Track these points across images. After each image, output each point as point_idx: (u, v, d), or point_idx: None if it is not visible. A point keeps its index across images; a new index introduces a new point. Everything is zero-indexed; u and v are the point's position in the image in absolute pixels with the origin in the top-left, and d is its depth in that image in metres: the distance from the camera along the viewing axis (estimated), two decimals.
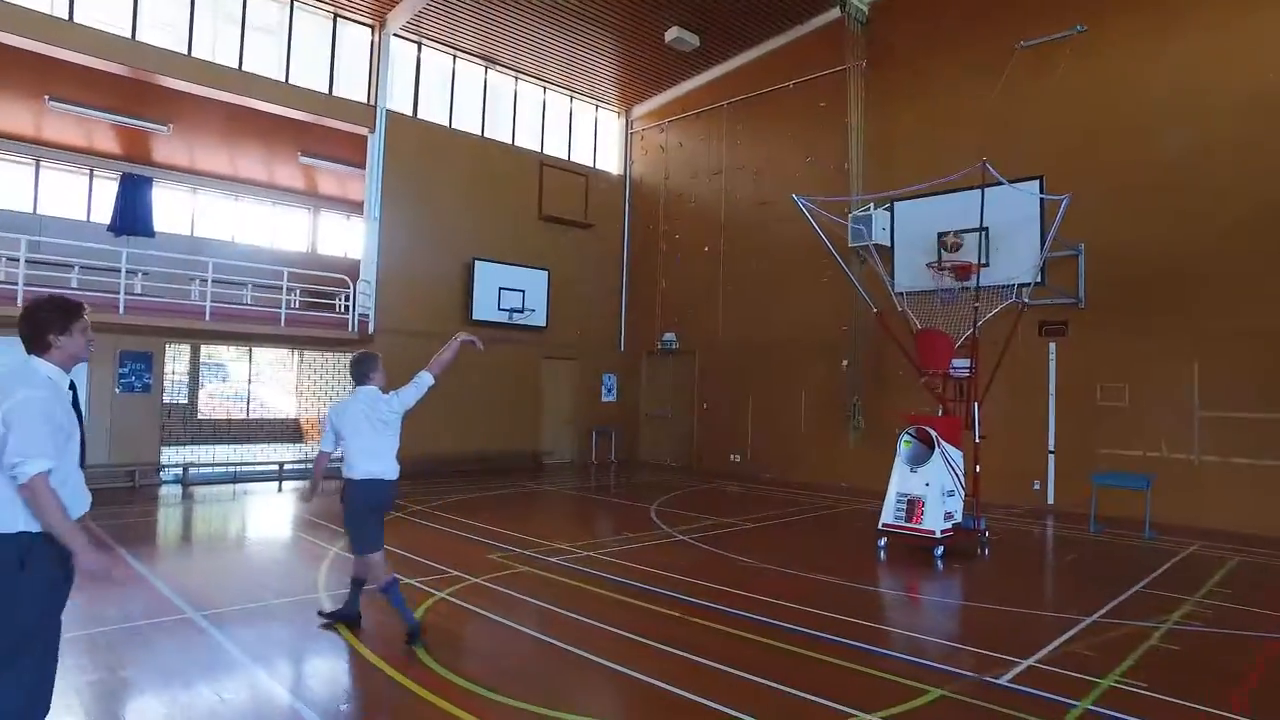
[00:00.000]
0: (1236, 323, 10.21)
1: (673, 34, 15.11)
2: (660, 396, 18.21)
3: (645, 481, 14.64)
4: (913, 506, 8.44)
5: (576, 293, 17.57)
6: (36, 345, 2.93)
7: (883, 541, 8.64)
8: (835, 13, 14.60)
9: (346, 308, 14.17)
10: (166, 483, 12.17)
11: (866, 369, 14.06)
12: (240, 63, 12.91)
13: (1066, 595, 6.81)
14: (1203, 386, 10.42)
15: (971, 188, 9.35)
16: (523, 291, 16.07)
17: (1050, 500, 11.67)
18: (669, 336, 17.86)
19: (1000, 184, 8.79)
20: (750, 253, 16.26)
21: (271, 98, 13.16)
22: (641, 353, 18.51)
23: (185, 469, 12.33)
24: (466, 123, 15.95)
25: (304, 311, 13.63)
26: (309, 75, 13.71)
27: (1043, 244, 8.84)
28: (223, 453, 14.57)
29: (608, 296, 18.52)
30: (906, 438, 8.85)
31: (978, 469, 9.08)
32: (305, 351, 15.62)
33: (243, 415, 18.12)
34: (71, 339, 2.98)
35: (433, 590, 6.32)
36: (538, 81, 17.09)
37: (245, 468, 13.17)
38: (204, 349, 17.04)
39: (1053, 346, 11.76)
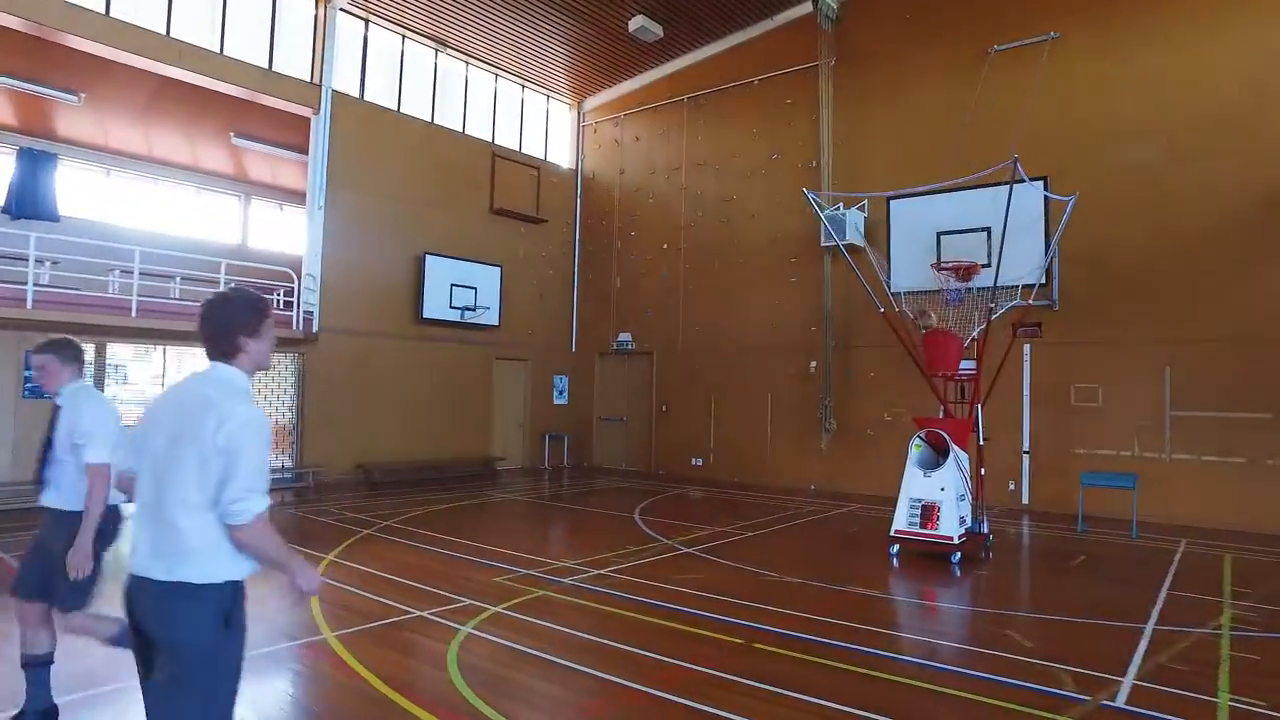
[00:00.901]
0: (1204, 328, 10.53)
1: (637, 23, 14.57)
2: (615, 399, 17.61)
3: (609, 488, 14.03)
4: (928, 512, 8.20)
5: (528, 291, 16.77)
6: (222, 349, 2.45)
7: (895, 548, 8.38)
8: (804, 9, 14.41)
9: (285, 304, 12.94)
10: None
11: (837, 370, 13.91)
12: (168, 28, 11.52)
13: (1104, 600, 6.66)
14: (1174, 388, 10.70)
15: (977, 186, 9.26)
16: (475, 289, 15.16)
17: (1025, 500, 11.77)
18: (625, 337, 17.31)
19: (1007, 183, 8.68)
20: (713, 251, 15.89)
21: (203, 69, 11.81)
22: (594, 354, 17.87)
23: None
24: (416, 108, 14.91)
25: None
26: (246, 48, 12.41)
27: (1047, 245, 8.78)
28: None
29: (560, 295, 17.78)
30: (917, 441, 8.62)
31: (982, 472, 8.96)
32: None
33: None
34: (260, 342, 2.51)
35: (454, 623, 5.55)
36: (489, 68, 16.19)
37: None
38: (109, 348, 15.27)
39: (1027, 348, 11.87)
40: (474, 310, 15.06)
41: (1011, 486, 11.88)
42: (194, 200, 15.21)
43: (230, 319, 2.45)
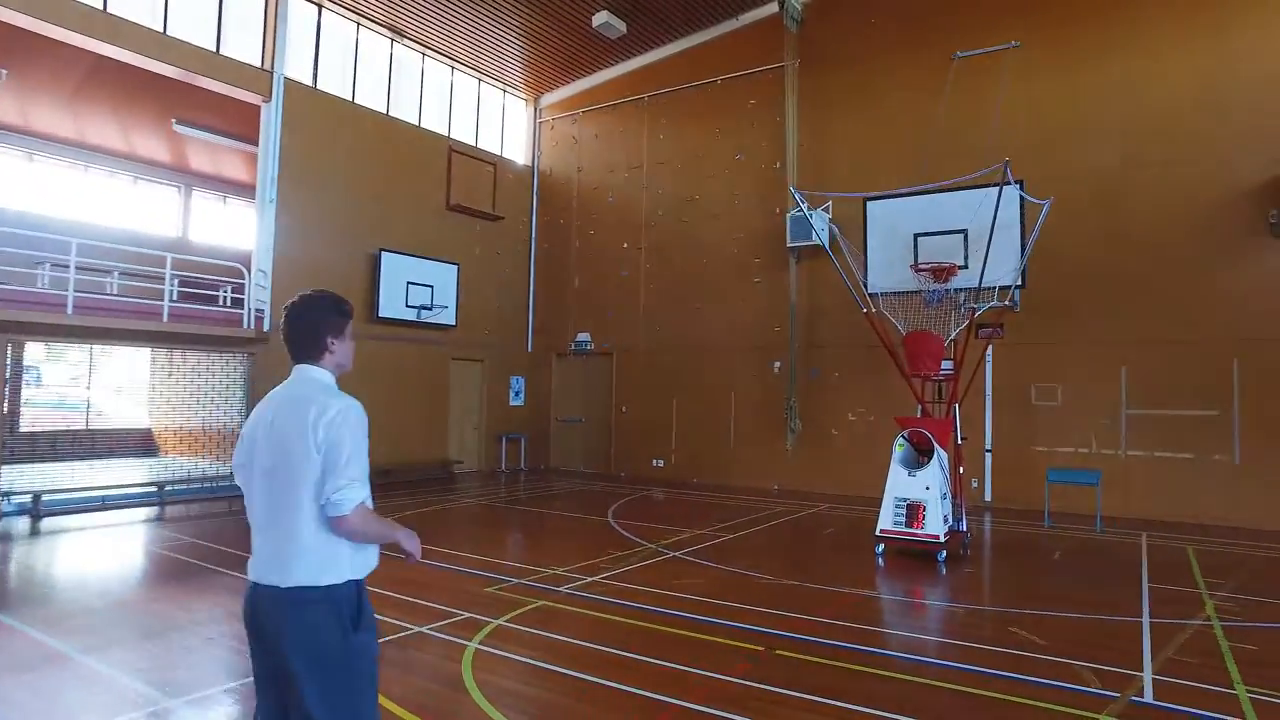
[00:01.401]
0: (1158, 329, 10.97)
1: (601, 19, 14.36)
2: (573, 400, 17.35)
3: (573, 491, 13.77)
4: (913, 511, 8.26)
5: (485, 290, 16.36)
6: (310, 350, 2.48)
7: (880, 548, 8.43)
8: (768, 10, 14.47)
9: (231, 301, 12.25)
10: (8, 514, 9.84)
11: (802, 371, 13.99)
12: (104, 2, 10.74)
13: (1093, 595, 6.81)
14: (1129, 387, 11.12)
15: (958, 189, 9.40)
16: (431, 287, 14.68)
17: (988, 497, 12.06)
18: (583, 337, 17.07)
19: (983, 187, 8.84)
20: (675, 251, 15.81)
21: (143, 49, 11.05)
22: (552, 354, 17.56)
23: (36, 497, 10.01)
24: (371, 99, 14.34)
25: (186, 305, 11.54)
26: (191, 28, 11.68)
27: (1023, 248, 8.97)
28: (58, 473, 12.08)
29: (517, 294, 17.41)
30: (900, 441, 8.68)
31: (960, 470, 9.10)
32: (169, 351, 13.36)
33: (80, 426, 15.33)
34: (345, 343, 2.55)
35: (458, 639, 5.26)
36: (446, 60, 15.72)
37: (105, 491, 10.93)
38: (27, 347, 14.18)
39: (989, 348, 12.15)
40: (430, 309, 14.58)
41: (975, 484, 12.14)
42: (129, 190, 14.27)
43: (318, 320, 2.49)
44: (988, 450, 12.09)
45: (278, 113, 12.39)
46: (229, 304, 12.16)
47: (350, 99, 13.91)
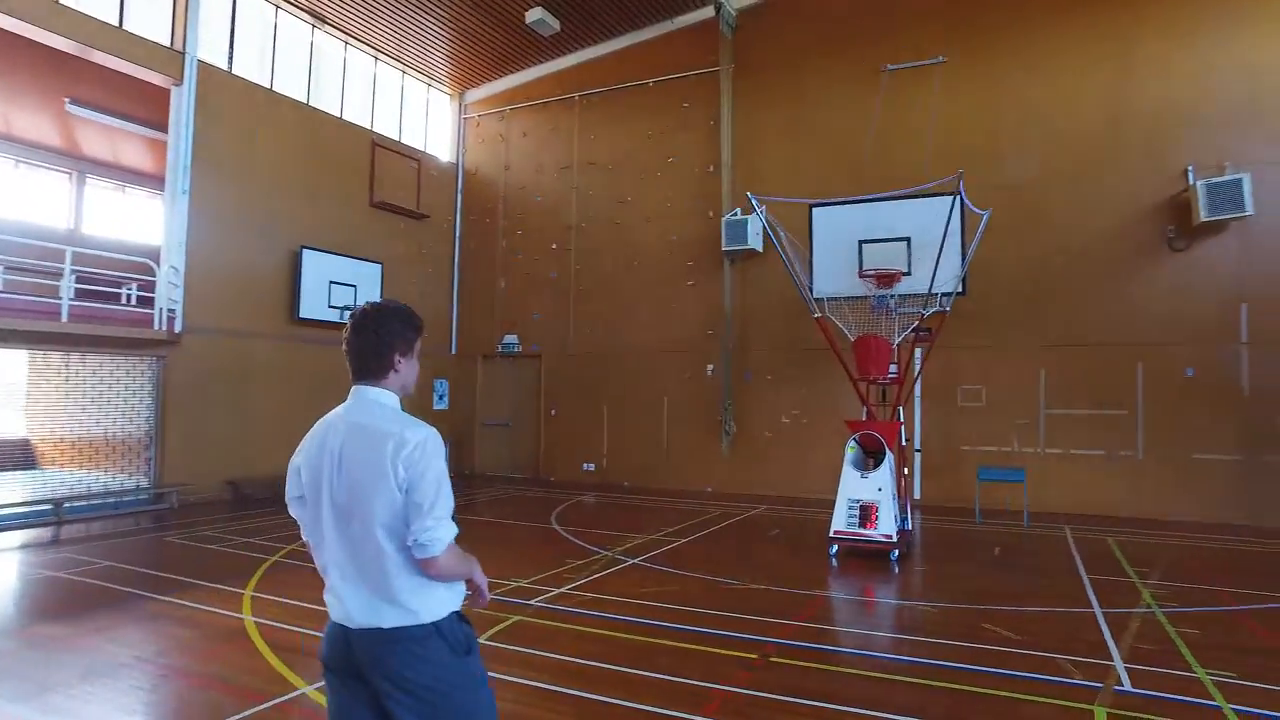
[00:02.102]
0: (1073, 333, 11.72)
1: (535, 15, 14.08)
2: (499, 403, 16.95)
3: (506, 497, 13.44)
4: (866, 512, 8.48)
5: (409, 290, 15.74)
6: (375, 369, 2.23)
7: (834, 549, 8.60)
8: (703, 13, 14.58)
9: (137, 299, 11.30)
10: None
11: (736, 374, 14.16)
12: None
13: (1042, 587, 7.17)
14: (1048, 388, 11.82)
15: (902, 198, 9.71)
16: (355, 287, 14.02)
17: (917, 495, 12.53)
18: (510, 339, 16.71)
19: (930, 195, 9.18)
20: (606, 253, 15.70)
21: (32, 17, 10.00)
22: (477, 356, 17.10)
23: None
24: (290, 88, 13.54)
25: (83, 304, 10.53)
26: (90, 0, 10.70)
27: (963, 256, 9.36)
28: None
29: (441, 295, 16.86)
30: (852, 444, 8.89)
31: (905, 471, 9.41)
32: (67, 354, 12.18)
33: None
34: (413, 362, 2.30)
35: None
36: (369, 49, 15.04)
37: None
38: None
39: (918, 351, 12.63)
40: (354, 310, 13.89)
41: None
42: (11, 175, 12.92)
43: (389, 335, 2.23)
44: (917, 450, 12.58)
45: (190, 97, 11.51)
46: (133, 302, 11.18)
47: (269, 86, 13.08)
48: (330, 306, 13.45)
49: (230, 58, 12.49)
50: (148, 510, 10.82)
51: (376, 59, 15.28)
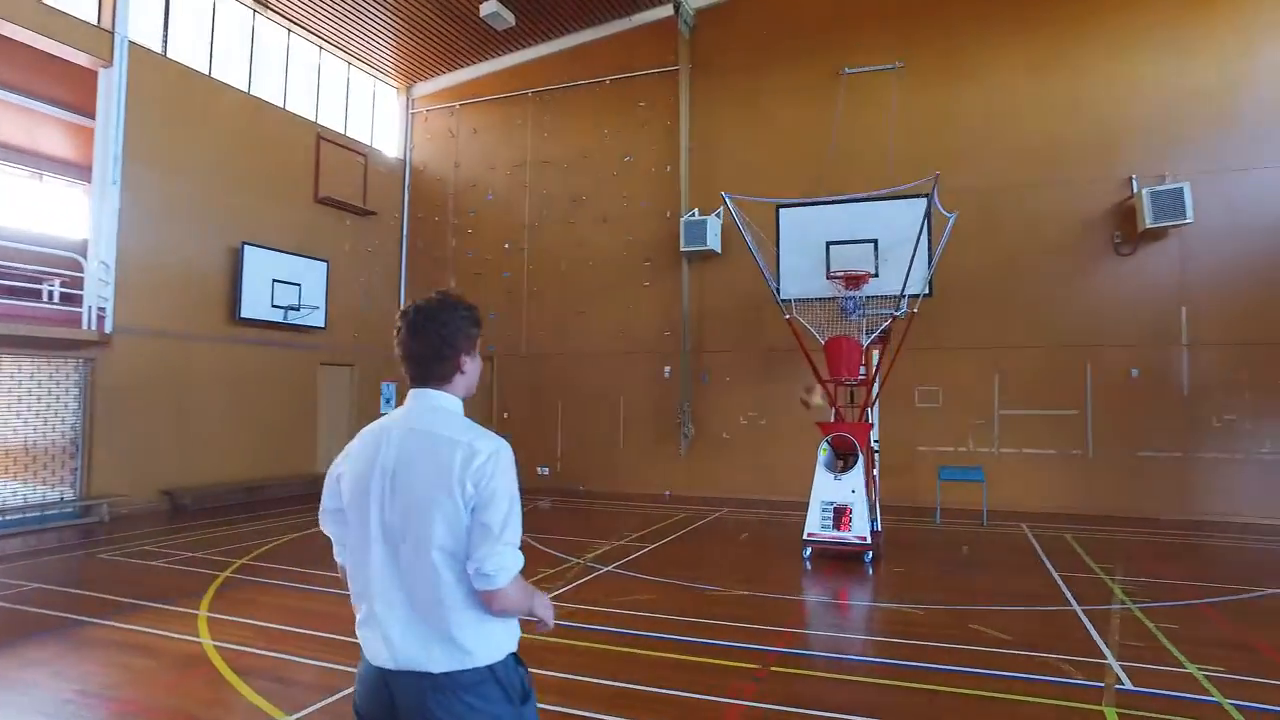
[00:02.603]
0: (1026, 336, 12.03)
1: (490, 8, 13.69)
2: None
3: None
4: (840, 514, 8.46)
5: (355, 289, 15.17)
6: (440, 370, 1.96)
7: (808, 551, 8.56)
8: (661, 12, 14.46)
9: (61, 297, 10.49)
10: None
11: (694, 375, 14.07)
12: None
13: (1017, 586, 7.26)
14: (1002, 389, 12.10)
15: (867, 199, 9.75)
16: (299, 286, 13.38)
17: (876, 495, 12.64)
18: None
19: (900, 198, 9.25)
20: (560, 253, 15.42)
21: None
22: None
23: None
24: (231, 75, 12.82)
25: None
26: None
27: (930, 258, 9.45)
28: None
29: (388, 294, 16.27)
30: (824, 446, 8.86)
31: (874, 473, 9.44)
32: None
33: None
34: (477, 361, 2.04)
35: None
36: (314, 38, 14.39)
37: None
38: None
39: (875, 353, 12.77)
40: (298, 310, 13.28)
41: None
42: None
43: (453, 334, 1.96)
44: (876, 451, 12.68)
45: (121, 81, 10.76)
46: (56, 300, 10.37)
47: (208, 73, 12.36)
48: (274, 306, 12.79)
49: (165, 40, 11.75)
50: (74, 524, 10.04)
51: (321, 48, 14.65)
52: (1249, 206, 11.15)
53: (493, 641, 1.87)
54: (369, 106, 16.11)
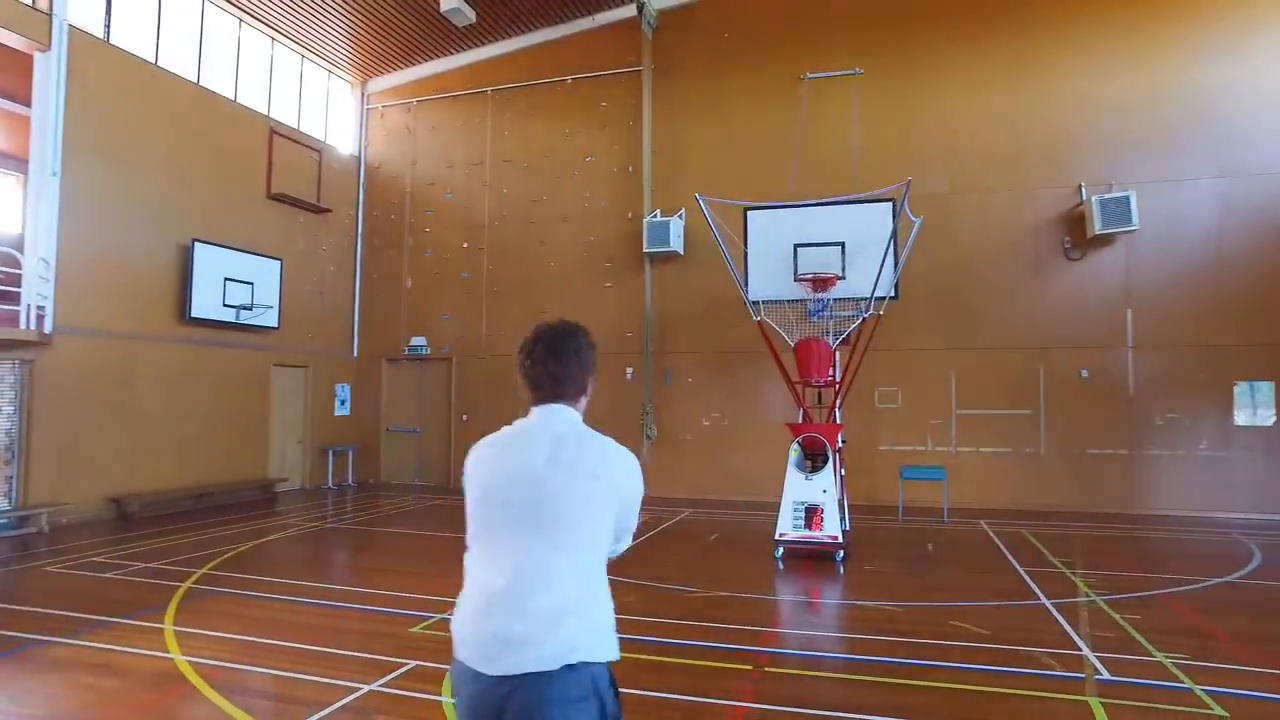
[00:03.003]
0: (981, 337, 12.38)
1: (450, 3, 13.44)
2: (406, 408, 16.13)
3: (421, 508, 12.76)
4: (811, 514, 8.57)
5: (309, 288, 14.75)
6: (573, 391, 2.16)
7: (780, 551, 8.64)
8: (624, 12, 14.43)
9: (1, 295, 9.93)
10: None
11: (656, 377, 14.08)
12: None
13: (987, 581, 7.46)
14: (959, 390, 12.43)
15: (837, 203, 9.90)
16: (251, 284, 12.94)
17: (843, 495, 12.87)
18: (418, 341, 15.94)
19: (866, 201, 9.42)
20: (520, 253, 15.25)
21: None
22: (381, 359, 16.21)
23: None
24: (178, 65, 12.31)
25: None
26: None
27: (896, 262, 9.64)
28: None
29: (343, 294, 15.87)
30: (795, 446, 8.96)
31: (842, 472, 9.58)
32: None
33: None
34: (594, 381, 2.26)
35: (425, 694, 4.58)
36: (265, 29, 13.93)
37: None
38: None
39: (837, 354, 12.99)
40: (250, 309, 12.83)
41: None
42: None
43: (587, 359, 2.19)
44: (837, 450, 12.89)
45: (60, 66, 10.22)
46: None
47: (154, 62, 11.84)
48: (225, 305, 12.34)
49: (108, 26, 11.22)
50: (10, 536, 9.50)
51: (274, 40, 14.19)
52: (1187, 215, 11.71)
53: (610, 638, 1.98)
54: (323, 101, 15.67)
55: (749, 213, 10.31)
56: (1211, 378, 11.50)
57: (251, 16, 13.54)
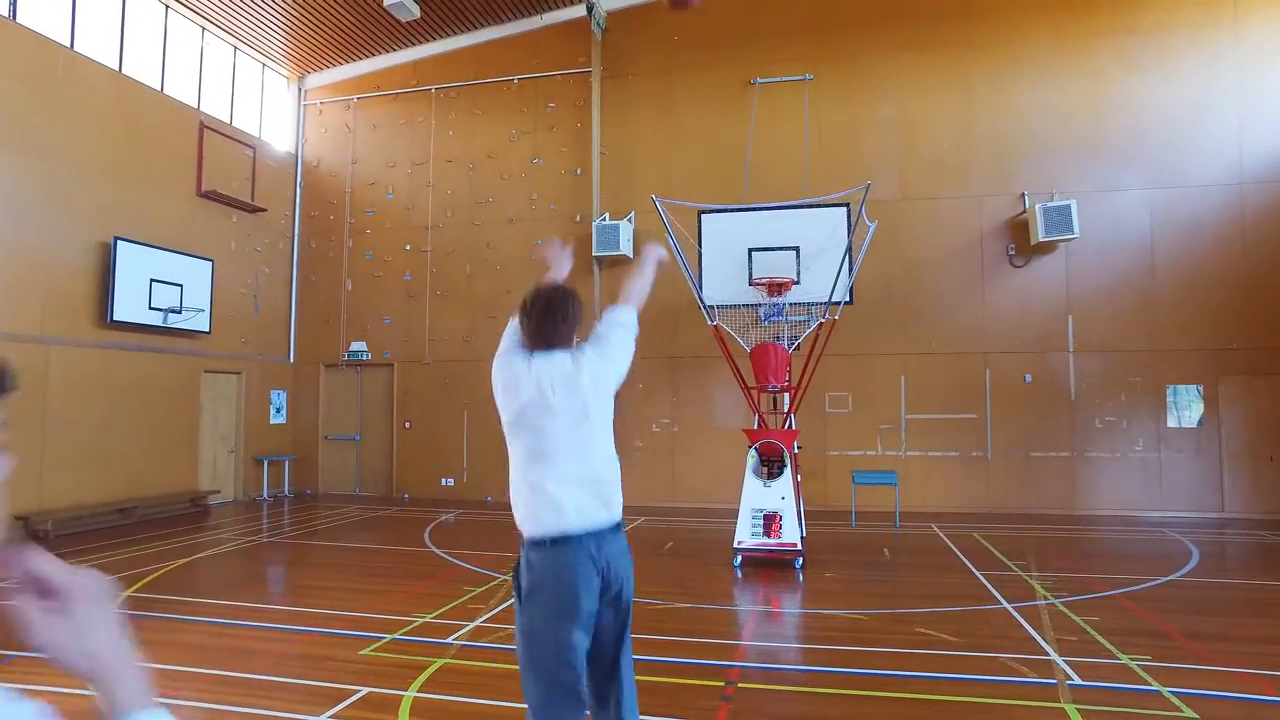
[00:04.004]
0: (929, 342, 12.55)
1: None
2: (346, 416, 15.52)
3: (362, 518, 12.23)
4: (770, 521, 8.47)
5: (243, 291, 14.05)
6: (564, 342, 2.80)
7: (739, 559, 8.51)
8: (573, 12, 14.20)
9: None
10: None
11: None
12: None
13: (947, 586, 7.46)
14: (908, 394, 12.56)
15: (792, 207, 9.87)
16: (180, 286, 12.23)
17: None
18: (358, 346, 15.37)
19: (819, 206, 9.41)
20: (466, 255, 14.85)
21: None
22: (319, 365, 15.57)
23: None
24: (98, 51, 11.56)
25: None
26: None
27: (851, 266, 9.65)
28: None
29: (279, 296, 15.19)
30: (752, 453, 8.86)
31: (798, 478, 9.53)
32: None
33: None
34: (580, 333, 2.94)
35: (375, 716, 4.26)
36: (195, 17, 13.23)
37: None
38: None
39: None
40: (180, 312, 12.13)
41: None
42: None
43: (576, 317, 2.77)
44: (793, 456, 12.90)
45: None
46: None
47: (69, 46, 11.09)
48: (151, 308, 11.62)
49: (13, 3, 10.44)
50: None
51: (204, 29, 13.49)
52: (1123, 225, 12.10)
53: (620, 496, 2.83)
54: (258, 96, 14.99)
55: (703, 216, 10.22)
56: (1146, 382, 11.90)
57: (179, 3, 12.84)
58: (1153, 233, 12.03)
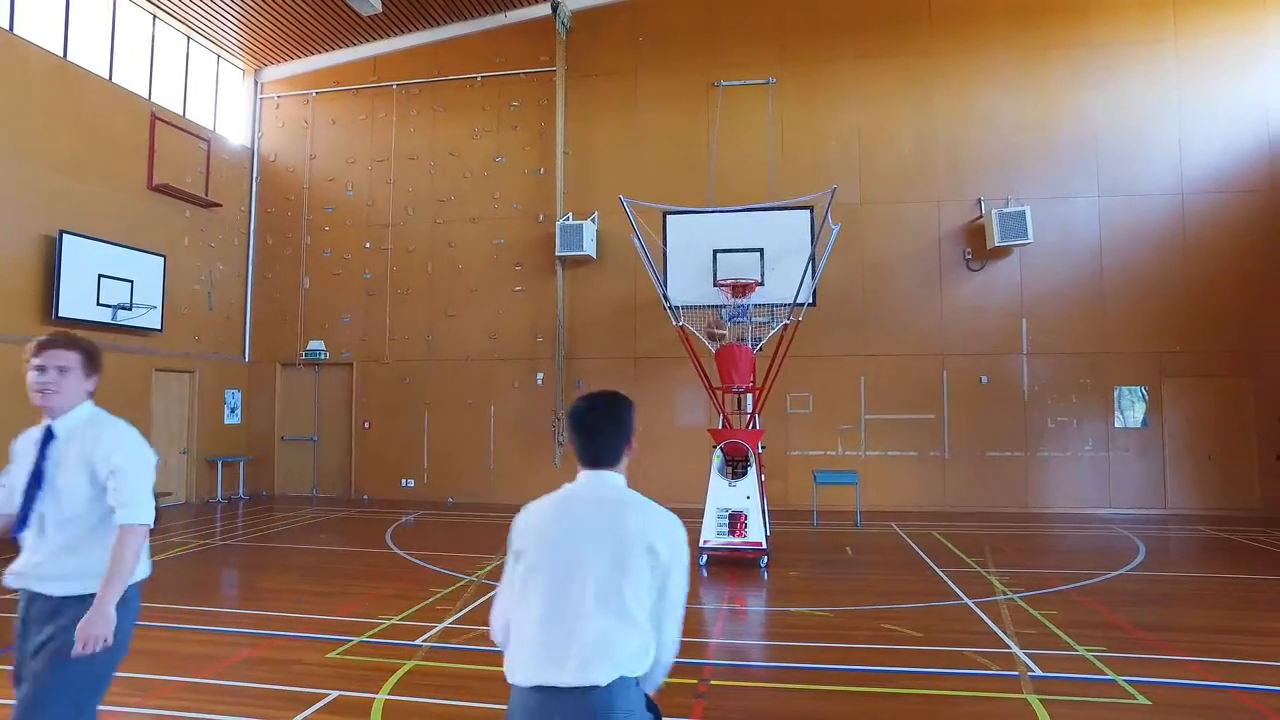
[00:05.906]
0: (888, 345, 12.79)
1: None
2: (303, 416, 15.21)
3: (321, 519, 11.99)
4: (735, 520, 8.54)
5: (196, 288, 13.67)
6: (614, 457, 2.30)
7: (704, 559, 8.57)
8: (538, 11, 14.15)
9: None
10: None
11: (568, 383, 13.82)
12: None
13: (909, 583, 7.61)
14: (868, 396, 12.78)
15: (758, 209, 9.98)
16: (131, 282, 11.86)
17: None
18: (316, 345, 15.07)
19: (783, 209, 9.52)
20: (426, 254, 14.68)
21: None
22: (275, 364, 15.22)
23: None
24: (40, 36, 11.14)
25: None
26: None
27: (815, 269, 9.79)
28: None
29: (234, 294, 14.81)
30: (718, 453, 8.93)
31: (762, 478, 9.62)
32: None
33: None
34: (635, 442, 2.39)
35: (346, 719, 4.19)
36: (146, 4, 12.83)
37: None
38: None
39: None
40: (130, 309, 11.75)
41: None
42: None
43: (629, 425, 2.32)
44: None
45: None
46: None
47: (7, 27, 10.64)
48: (100, 304, 11.24)
49: None
50: None
51: (155, 17, 13.09)
52: (1073, 231, 12.51)
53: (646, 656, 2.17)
54: (212, 88, 14.60)
55: (668, 217, 10.27)
56: (1095, 383, 12.31)
57: None
58: (1101, 239, 12.45)
